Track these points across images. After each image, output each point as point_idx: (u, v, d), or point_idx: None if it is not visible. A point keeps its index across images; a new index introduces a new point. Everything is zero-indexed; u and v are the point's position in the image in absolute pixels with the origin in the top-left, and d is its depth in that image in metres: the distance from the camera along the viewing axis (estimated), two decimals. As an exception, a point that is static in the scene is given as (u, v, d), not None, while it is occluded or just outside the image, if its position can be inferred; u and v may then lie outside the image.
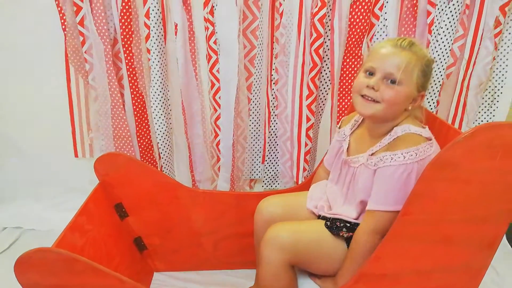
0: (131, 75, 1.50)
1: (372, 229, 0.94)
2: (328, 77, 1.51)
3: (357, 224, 1.02)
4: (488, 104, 1.51)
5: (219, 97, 1.52)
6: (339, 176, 1.12)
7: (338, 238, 1.01)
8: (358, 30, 1.42)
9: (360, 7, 1.39)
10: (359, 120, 1.12)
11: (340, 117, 1.53)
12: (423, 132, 0.94)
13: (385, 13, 1.39)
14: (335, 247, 1.01)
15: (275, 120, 1.59)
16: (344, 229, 1.02)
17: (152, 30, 1.41)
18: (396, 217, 0.90)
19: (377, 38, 1.43)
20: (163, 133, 1.56)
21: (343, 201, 1.08)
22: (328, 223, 1.04)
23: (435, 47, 1.39)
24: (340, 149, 1.13)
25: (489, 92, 1.49)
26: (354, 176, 1.04)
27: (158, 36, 1.42)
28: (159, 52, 1.45)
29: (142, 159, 1.62)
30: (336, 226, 1.03)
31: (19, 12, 1.49)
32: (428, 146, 0.91)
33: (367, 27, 1.42)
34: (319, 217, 1.13)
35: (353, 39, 1.44)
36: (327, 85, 1.52)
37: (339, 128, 1.17)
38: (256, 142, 1.65)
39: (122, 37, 1.43)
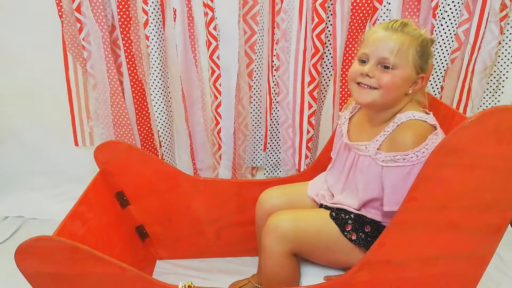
0: (130, 62, 1.48)
1: None
2: (330, 63, 1.48)
3: (361, 216, 1.00)
4: (493, 89, 1.49)
5: (220, 84, 1.50)
6: (338, 160, 1.10)
7: (344, 238, 0.99)
8: (361, 15, 1.40)
9: (363, -10, 1.36)
10: (358, 105, 1.09)
11: (343, 103, 1.51)
12: (428, 118, 0.92)
13: (389, -4, 1.37)
14: (336, 238, 0.99)
15: (276, 107, 1.58)
16: (349, 221, 1.00)
17: (150, 16, 1.38)
18: None
19: (380, 23, 1.40)
20: (164, 121, 1.54)
21: (342, 188, 1.06)
22: (333, 213, 1.03)
23: (440, 32, 1.36)
24: (340, 134, 1.11)
25: (494, 77, 1.47)
26: (356, 163, 1.01)
27: (156, 22, 1.40)
28: (158, 38, 1.42)
29: (142, 147, 1.61)
30: (341, 217, 1.01)
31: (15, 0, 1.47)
32: (435, 136, 0.89)
33: (370, 12, 1.39)
34: (320, 206, 1.12)
35: (356, 24, 1.41)
36: (329, 71, 1.50)
37: (341, 112, 1.15)
38: (257, 130, 1.63)
39: (120, 23, 1.41)
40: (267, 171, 1.70)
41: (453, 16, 1.34)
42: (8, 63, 1.58)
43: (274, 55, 1.49)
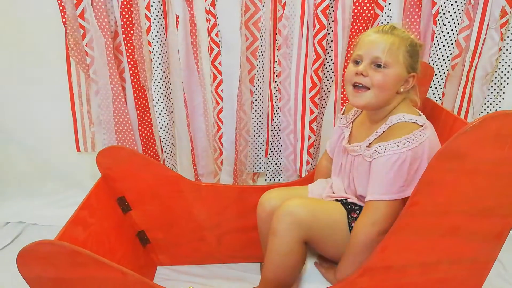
0: (133, 68, 1.49)
1: (368, 220, 0.93)
2: (331, 69, 1.49)
3: None
4: (494, 95, 1.49)
5: (221, 90, 1.51)
6: (340, 166, 1.11)
7: (348, 229, 1.00)
8: (362, 21, 1.40)
9: (364, -3, 1.37)
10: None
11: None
12: (418, 119, 0.94)
13: (389, 3, 1.37)
14: (346, 235, 0.99)
15: (278, 113, 1.58)
16: (357, 211, 1.00)
17: (153, 23, 1.39)
18: (392, 208, 0.90)
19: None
20: (165, 127, 1.55)
21: (345, 191, 1.07)
22: (344, 201, 1.04)
23: (440, 38, 1.37)
24: (341, 136, 1.12)
25: (495, 83, 1.48)
26: (353, 165, 1.03)
27: (159, 28, 1.41)
28: (160, 44, 1.43)
29: (144, 153, 1.61)
30: (351, 206, 1.02)
31: (19, 5, 1.48)
32: (420, 133, 0.91)
33: (371, 18, 1.40)
34: None
35: (357, 30, 1.42)
36: (331, 77, 1.51)
37: (342, 114, 1.17)
38: (259, 135, 1.64)
39: (123, 29, 1.42)
40: (268, 177, 1.70)
41: (454, 23, 1.35)
42: (11, 68, 1.58)
43: (276, 61, 1.50)
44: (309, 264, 1.07)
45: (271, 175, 1.70)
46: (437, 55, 1.38)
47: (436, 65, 1.39)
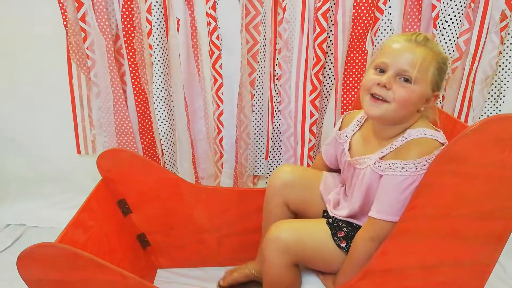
0: (133, 71, 1.49)
1: (371, 236, 0.91)
2: (332, 72, 1.49)
3: (359, 226, 0.99)
4: (494, 98, 1.49)
5: (222, 93, 1.51)
6: (345, 178, 1.08)
7: (334, 244, 0.99)
8: (362, 25, 1.41)
9: (364, 1, 1.37)
10: (362, 121, 1.06)
11: (344, 112, 1.52)
12: (439, 136, 0.89)
13: (390, 7, 1.38)
14: (336, 254, 0.99)
15: (278, 116, 1.58)
16: (344, 229, 1.00)
17: (154, 26, 1.40)
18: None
19: (381, 33, 1.42)
20: (166, 129, 1.55)
21: (346, 205, 1.05)
22: (330, 220, 1.03)
23: (440, 41, 1.37)
24: (342, 152, 1.08)
25: (495, 87, 1.48)
26: (360, 179, 0.98)
27: (160, 31, 1.42)
28: (161, 48, 1.44)
29: (145, 155, 1.61)
30: (337, 224, 1.01)
31: (20, 8, 1.49)
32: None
33: (371, 22, 1.41)
34: (323, 213, 1.11)
35: (357, 34, 1.43)
36: (331, 81, 1.51)
37: (339, 130, 1.11)
38: (259, 138, 1.64)
39: (124, 33, 1.43)
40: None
41: (454, 26, 1.36)
42: (12, 71, 1.59)
43: (276, 64, 1.51)
44: (308, 271, 1.07)
45: (271, 178, 1.70)
46: (437, 58, 1.39)
47: (436, 68, 1.40)
